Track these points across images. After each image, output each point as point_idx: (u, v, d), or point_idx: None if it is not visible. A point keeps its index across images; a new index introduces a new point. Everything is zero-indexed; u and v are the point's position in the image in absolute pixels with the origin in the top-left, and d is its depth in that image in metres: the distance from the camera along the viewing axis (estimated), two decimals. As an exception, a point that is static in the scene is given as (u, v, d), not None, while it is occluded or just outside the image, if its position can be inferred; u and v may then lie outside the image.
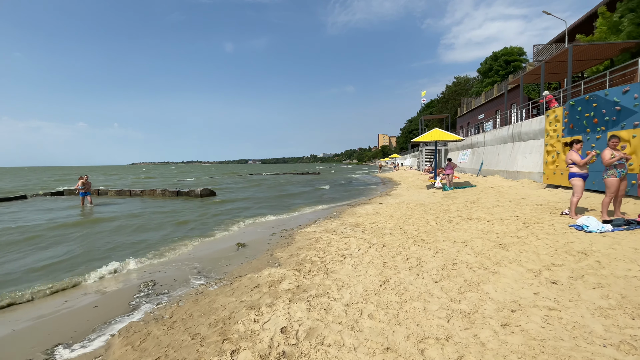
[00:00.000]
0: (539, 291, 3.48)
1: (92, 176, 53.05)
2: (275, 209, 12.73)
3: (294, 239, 7.07)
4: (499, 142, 18.31)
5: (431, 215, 8.40)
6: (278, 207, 13.27)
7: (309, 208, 12.67)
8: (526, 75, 16.95)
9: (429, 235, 6.32)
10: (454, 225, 7.02)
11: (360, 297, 3.64)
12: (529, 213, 7.49)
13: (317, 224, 8.58)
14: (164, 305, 4.06)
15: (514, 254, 4.78)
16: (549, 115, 11.20)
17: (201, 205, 14.17)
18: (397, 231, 6.93)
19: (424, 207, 9.99)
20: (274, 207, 13.11)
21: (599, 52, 13.28)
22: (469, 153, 24.53)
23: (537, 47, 22.32)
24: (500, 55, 47.99)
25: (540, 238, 5.44)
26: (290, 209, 12.64)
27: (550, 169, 10.94)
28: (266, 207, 13.19)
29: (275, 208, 12.91)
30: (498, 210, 8.26)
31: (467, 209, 8.96)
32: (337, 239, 6.59)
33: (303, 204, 14.10)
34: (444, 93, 73.62)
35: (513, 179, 15.25)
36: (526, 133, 14.72)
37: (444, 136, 14.93)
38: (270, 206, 13.53)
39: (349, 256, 5.30)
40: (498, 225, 6.65)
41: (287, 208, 12.80)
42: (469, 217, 7.78)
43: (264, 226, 9.15)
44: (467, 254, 4.94)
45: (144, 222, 10.10)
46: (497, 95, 28.17)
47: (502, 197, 10.46)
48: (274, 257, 5.71)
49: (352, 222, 8.35)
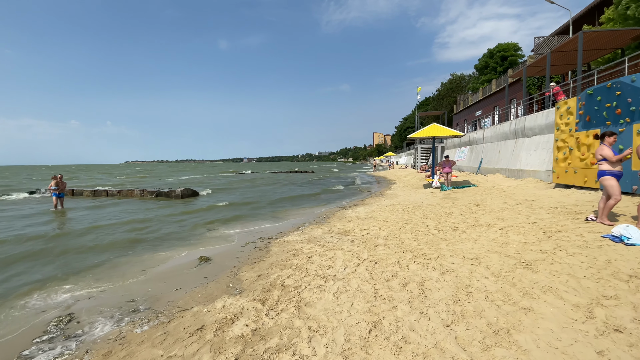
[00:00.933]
0: (603, 348, 2.35)
1: (82, 175, 51.15)
2: (259, 211, 11.54)
3: (269, 251, 5.90)
4: (499, 139, 17.29)
5: (431, 221, 7.27)
6: (262, 209, 12.08)
7: (295, 210, 11.49)
8: (529, 68, 15.91)
9: (431, 248, 5.19)
10: (459, 234, 5.90)
11: (339, 356, 2.49)
12: (547, 218, 6.40)
13: (301, 231, 7.41)
14: (64, 359, 2.87)
15: (545, 277, 3.67)
16: (559, 107, 10.14)
17: (178, 207, 12.93)
18: (392, 241, 5.80)
19: (423, 210, 8.88)
20: (257, 210, 11.92)
21: (610, 40, 12.26)
22: (466, 150, 23.53)
23: (538, 39, 21.34)
24: (495, 51, 47.13)
25: (571, 253, 4.33)
26: (275, 211, 11.46)
27: (562, 166, 9.89)
28: (249, 210, 11.99)
29: (258, 211, 11.72)
30: (509, 214, 7.16)
31: (472, 212, 7.85)
32: (321, 251, 5.43)
33: (289, 205, 12.93)
34: (440, 90, 72.83)
35: (516, 178, 14.22)
36: (530, 128, 13.68)
37: (443, 132, 13.84)
38: (254, 208, 12.34)
39: (331, 278, 4.15)
40: (513, 234, 5.54)
41: (271, 211, 11.61)
42: (476, 222, 6.67)
43: (241, 233, 7.97)
44: (483, 277, 3.81)
45: (106, 230, 8.85)
46: (495, 90, 27.21)
47: (508, 199, 9.38)
48: (238, 278, 4.54)
49: (341, 229, 7.20)
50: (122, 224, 9.43)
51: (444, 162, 13.72)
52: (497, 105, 26.42)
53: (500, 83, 26.15)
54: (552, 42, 20.48)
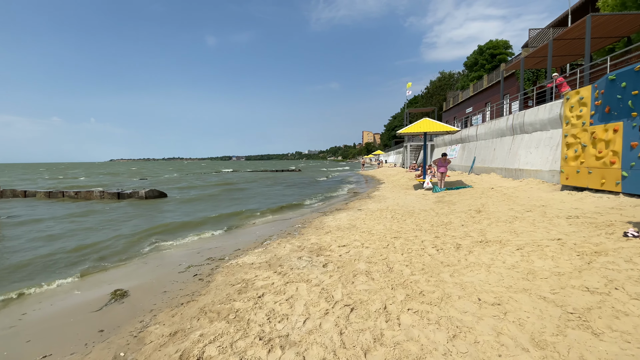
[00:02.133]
0: None
1: (50, 173, 47.64)
2: (226, 218, 9.94)
3: (210, 282, 4.36)
4: (494, 136, 16.09)
5: (427, 234, 5.84)
6: (230, 215, 10.49)
7: (267, 216, 9.93)
8: (527, 59, 14.71)
9: (430, 280, 3.74)
10: (465, 256, 4.47)
11: None
12: (572, 233, 5.04)
13: (264, 248, 5.87)
14: None
15: (619, 348, 2.25)
16: (569, 97, 8.87)
17: (130, 211, 11.22)
18: (377, 266, 4.34)
19: (415, 218, 7.46)
20: (224, 215, 10.31)
21: (619, 26, 11.11)
22: (458, 149, 22.36)
23: (533, 31, 20.27)
24: (485, 48, 46.43)
25: (634, 296, 2.94)
26: (244, 217, 9.89)
27: (572, 166, 8.63)
28: (213, 215, 10.37)
29: (225, 216, 10.12)
30: (522, 226, 5.79)
31: (475, 222, 6.46)
32: (279, 285, 3.92)
33: (262, 210, 11.36)
34: (428, 88, 72.12)
35: (515, 178, 13.01)
36: (531, 124, 12.46)
37: (435, 127, 12.49)
38: (221, 214, 10.73)
39: (280, 343, 2.64)
40: (538, 257, 4.14)
41: (240, 216, 10.03)
42: (483, 237, 5.26)
43: (190, 250, 6.38)
44: (520, 348, 2.37)
45: (12, 243, 7.13)
46: (487, 86, 26.15)
47: (513, 203, 8.06)
48: (140, 339, 2.98)
49: (315, 244, 5.70)
50: (37, 235, 7.69)
51: (440, 160, 12.37)
52: (489, 101, 25.36)
53: (493, 78, 25.08)
54: (547, 35, 19.42)
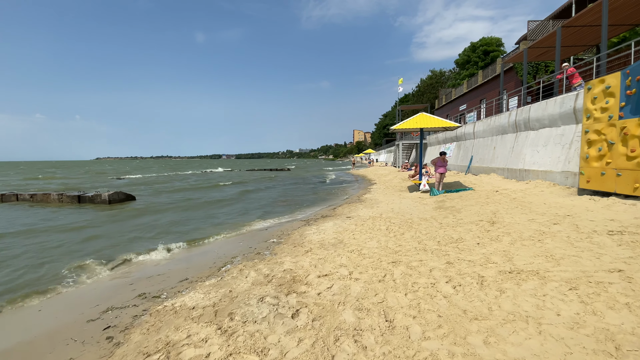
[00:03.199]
0: None
1: (27, 172, 44.66)
2: (185, 228, 8.44)
3: (120, 343, 2.90)
4: (494, 133, 14.92)
5: (435, 257, 4.48)
6: (192, 224, 8.97)
7: (237, 227, 8.42)
8: (531, 49, 13.55)
9: (454, 352, 2.37)
10: (496, 300, 3.11)
11: None
12: (628, 257, 3.74)
13: (219, 278, 4.42)
14: None
15: None
16: (591, 87, 7.65)
17: (84, 220, 9.61)
18: (371, 317, 2.95)
19: (415, 230, 6.11)
20: (184, 225, 8.80)
21: (637, 10, 9.97)
22: (453, 147, 21.21)
23: (532, 23, 19.20)
24: (478, 45, 45.72)
25: None
26: (208, 227, 8.39)
27: (595, 167, 7.41)
28: (179, 226, 8.84)
29: (185, 226, 8.61)
30: (555, 246, 4.47)
31: (493, 238, 5.13)
32: (218, 358, 2.50)
33: (234, 217, 9.88)
34: (419, 86, 71.41)
35: (519, 179, 11.82)
36: (537, 120, 11.27)
37: (433, 122, 11.19)
38: (184, 222, 9.20)
39: None
40: (606, 306, 2.81)
41: (202, 228, 8.51)
42: (512, 265, 3.93)
43: (118, 281, 4.86)
44: None
45: None
46: (482, 82, 25.11)
47: (530, 211, 6.78)
48: None
49: (287, 272, 4.29)
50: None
51: (438, 160, 11.09)
52: (485, 97, 24.31)
53: (488, 74, 24.04)
54: (547, 27, 18.38)
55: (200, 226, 8.59)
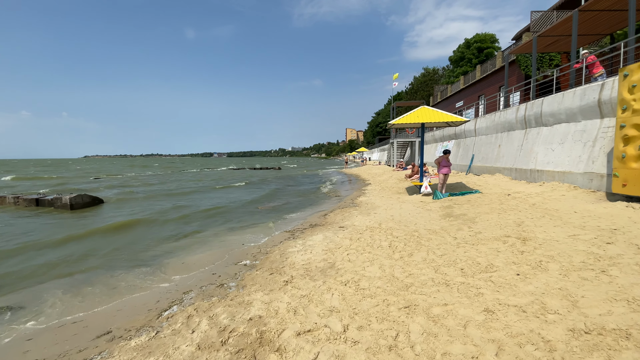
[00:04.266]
0: None
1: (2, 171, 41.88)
2: (154, 244, 7.01)
3: None
4: (499, 130, 13.77)
5: (463, 299, 3.17)
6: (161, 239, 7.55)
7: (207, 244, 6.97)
8: (541, 38, 12.38)
9: None
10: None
11: None
12: None
13: (150, 335, 3.05)
14: None
15: None
16: (628, 74, 6.46)
17: (20, 233, 8.11)
18: None
19: (427, 249, 4.82)
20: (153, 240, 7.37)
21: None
22: (452, 145, 20.07)
23: (535, 13, 18.10)
24: (472, 42, 44.90)
25: None
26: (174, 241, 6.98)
27: (634, 168, 6.23)
28: (138, 241, 7.40)
29: (154, 242, 7.19)
30: (632, 282, 3.22)
31: (535, 265, 3.85)
32: None
33: (208, 230, 8.47)
34: (412, 84, 70.53)
35: (530, 181, 10.66)
36: (552, 114, 10.11)
37: (437, 117, 9.93)
38: (144, 240, 7.76)
39: None
40: None
41: (166, 244, 7.09)
42: (584, 318, 2.64)
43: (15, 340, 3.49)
44: None
45: None
46: (480, 77, 24.04)
47: (563, 223, 5.54)
48: None
49: (253, 325, 2.94)
50: None
51: (443, 159, 9.87)
52: (484, 93, 23.25)
53: (487, 68, 22.97)
54: (551, 18, 17.31)
55: (163, 241, 7.16)
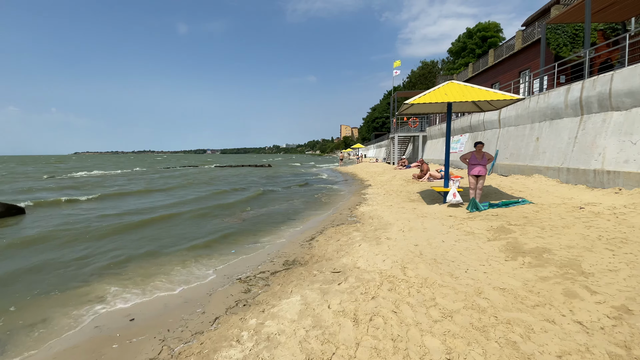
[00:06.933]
0: None
1: None
2: (53, 276, 3.96)
3: None
4: (536, 119, 10.88)
5: None
6: (96, 267, 4.50)
7: (128, 291, 3.97)
8: (573, 10, 9.40)
9: None
10: None
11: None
12: None
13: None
14: None
15: None
16: None
17: None
18: None
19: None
20: (70, 274, 4.31)
21: None
22: (465, 140, 17.17)
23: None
24: (475, 31, 42.05)
25: None
26: (96, 281, 3.95)
27: None
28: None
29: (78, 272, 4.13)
30: None
31: None
32: None
33: (154, 257, 5.46)
34: (410, 77, 67.67)
35: (592, 185, 7.79)
36: (630, 93, 7.23)
37: (472, 94, 6.95)
38: (80, 265, 4.71)
39: None
40: None
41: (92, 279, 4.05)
42: None
43: None
44: None
45: None
46: (493, 63, 21.18)
47: None
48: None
49: None
50: None
51: (472, 154, 7.01)
52: (498, 81, 20.40)
53: (502, 52, 20.09)
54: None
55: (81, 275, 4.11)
